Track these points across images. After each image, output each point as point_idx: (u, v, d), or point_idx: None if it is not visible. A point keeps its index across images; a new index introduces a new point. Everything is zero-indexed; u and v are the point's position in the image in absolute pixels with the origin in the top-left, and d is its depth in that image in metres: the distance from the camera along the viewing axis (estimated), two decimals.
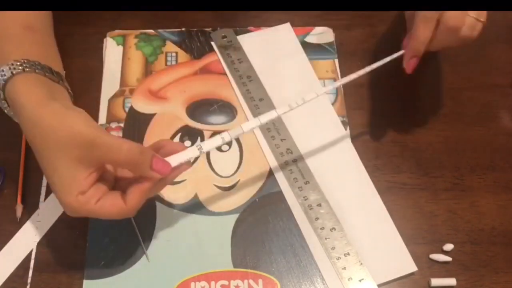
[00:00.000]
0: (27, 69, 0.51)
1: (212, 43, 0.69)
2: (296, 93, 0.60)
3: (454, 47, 0.58)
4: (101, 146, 0.46)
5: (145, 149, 0.48)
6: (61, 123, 0.47)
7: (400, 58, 0.60)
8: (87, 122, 0.48)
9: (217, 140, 0.51)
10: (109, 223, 0.50)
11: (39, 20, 0.57)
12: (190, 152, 0.50)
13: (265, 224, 0.57)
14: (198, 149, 0.50)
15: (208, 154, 0.61)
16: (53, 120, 0.47)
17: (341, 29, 0.70)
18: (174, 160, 0.49)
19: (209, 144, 0.51)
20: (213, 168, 0.60)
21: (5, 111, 0.53)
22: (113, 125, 0.62)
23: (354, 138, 0.62)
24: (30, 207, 0.58)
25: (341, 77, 0.65)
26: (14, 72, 0.50)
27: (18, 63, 0.51)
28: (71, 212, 0.48)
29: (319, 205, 0.57)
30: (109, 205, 0.48)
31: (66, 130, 0.47)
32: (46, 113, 0.48)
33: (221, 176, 0.60)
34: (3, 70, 0.50)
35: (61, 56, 0.58)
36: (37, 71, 0.51)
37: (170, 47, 0.68)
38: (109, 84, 0.65)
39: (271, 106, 0.63)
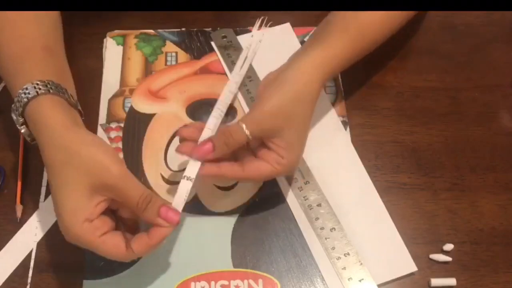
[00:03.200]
0: (52, 91, 0.51)
1: (212, 43, 0.69)
2: None
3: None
4: (122, 188, 0.48)
5: (156, 199, 0.49)
6: (89, 152, 0.48)
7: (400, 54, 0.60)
8: (114, 158, 0.48)
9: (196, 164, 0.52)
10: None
11: (55, 41, 0.58)
12: (184, 187, 0.52)
13: (265, 224, 0.57)
14: (188, 179, 0.52)
15: None
16: (81, 147, 0.48)
17: None
18: (176, 202, 0.51)
19: (192, 170, 0.52)
20: None
21: (19, 126, 0.53)
22: (113, 125, 0.62)
23: (354, 138, 0.62)
24: (30, 207, 0.58)
25: (340, 76, 0.65)
26: (39, 92, 0.50)
27: (43, 84, 0.51)
28: (71, 238, 0.48)
29: (319, 205, 0.57)
30: (112, 244, 0.48)
31: (93, 161, 0.47)
32: (74, 138, 0.49)
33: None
34: (27, 88, 0.51)
35: None
36: (61, 94, 0.52)
37: (170, 47, 0.68)
38: (109, 84, 0.65)
39: None
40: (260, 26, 0.69)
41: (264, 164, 0.52)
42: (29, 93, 0.51)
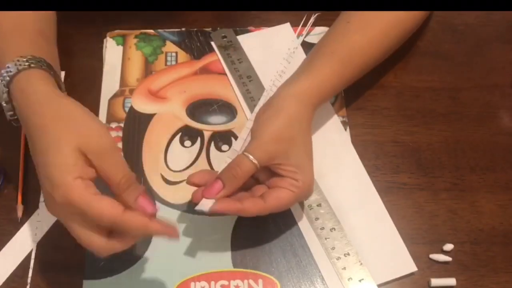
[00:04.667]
0: (43, 67, 0.51)
1: (212, 43, 0.69)
2: None
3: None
4: (109, 160, 0.47)
5: (139, 185, 0.48)
6: (83, 116, 0.48)
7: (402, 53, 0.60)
8: (107, 131, 0.48)
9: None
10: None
11: (50, 29, 0.59)
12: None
13: (265, 224, 0.57)
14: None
15: (208, 154, 0.61)
16: (76, 110, 0.48)
17: None
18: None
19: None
20: (213, 168, 0.60)
21: (2, 102, 0.51)
22: (113, 125, 0.62)
23: (354, 138, 0.62)
24: (30, 207, 0.58)
25: None
26: (32, 66, 0.51)
27: (36, 60, 0.51)
28: (61, 198, 0.44)
29: (319, 205, 0.57)
30: (108, 202, 0.45)
31: (87, 125, 0.47)
32: (68, 102, 0.49)
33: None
34: (18, 61, 0.50)
35: (61, 56, 0.59)
36: (51, 73, 0.52)
37: (170, 47, 0.68)
38: (109, 84, 0.65)
39: None
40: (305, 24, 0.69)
41: (283, 191, 0.52)
42: (20, 65, 0.50)
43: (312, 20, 0.69)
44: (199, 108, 0.64)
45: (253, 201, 0.51)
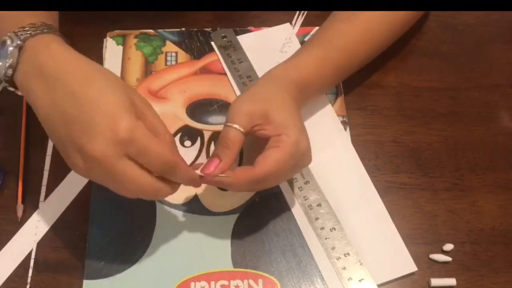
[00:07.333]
0: (47, 31, 0.50)
1: (212, 43, 0.69)
2: None
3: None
4: (153, 109, 0.48)
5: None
6: (118, 78, 0.49)
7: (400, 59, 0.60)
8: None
9: None
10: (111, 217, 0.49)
11: (54, 22, 0.58)
12: None
13: (265, 224, 0.57)
14: None
15: (208, 154, 0.61)
16: (109, 72, 0.49)
17: None
18: None
19: None
20: None
21: (9, 60, 0.48)
22: None
23: (354, 138, 0.62)
24: (30, 207, 0.58)
25: None
26: (51, 30, 0.50)
27: (50, 26, 0.51)
28: (124, 131, 0.44)
29: (319, 205, 0.57)
30: (165, 144, 0.47)
31: (124, 83, 0.48)
32: (98, 65, 0.49)
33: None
34: (34, 24, 0.49)
35: None
36: (57, 33, 0.51)
37: (170, 47, 0.68)
38: None
39: None
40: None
41: (269, 150, 0.50)
42: (34, 30, 0.49)
43: (301, 19, 0.69)
44: (199, 108, 0.64)
45: (243, 168, 0.50)
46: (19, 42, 0.48)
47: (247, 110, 0.51)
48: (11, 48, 0.48)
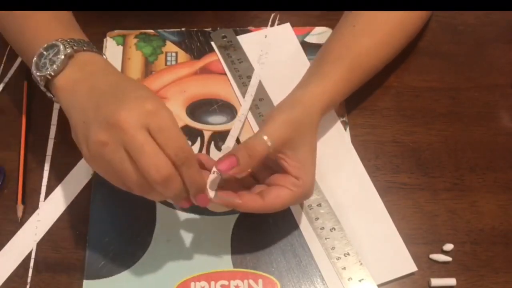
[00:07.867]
0: (96, 50, 0.54)
1: (212, 43, 0.69)
2: None
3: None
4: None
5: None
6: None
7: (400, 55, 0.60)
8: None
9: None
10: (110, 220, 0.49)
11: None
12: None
13: (265, 224, 0.57)
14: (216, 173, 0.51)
15: (208, 154, 0.61)
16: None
17: None
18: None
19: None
20: None
21: (54, 67, 0.51)
22: None
23: (354, 138, 0.62)
24: (30, 207, 0.58)
25: None
26: (93, 49, 0.54)
27: (89, 44, 0.54)
28: (153, 103, 0.46)
29: (319, 205, 0.57)
30: (181, 132, 0.47)
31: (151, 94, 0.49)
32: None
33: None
34: (74, 40, 0.53)
35: None
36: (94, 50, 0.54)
37: (170, 47, 0.68)
38: None
39: (272, 106, 0.63)
40: (273, 23, 0.69)
41: (282, 190, 0.51)
42: (74, 44, 0.52)
43: (276, 21, 0.69)
44: (199, 108, 0.64)
45: (252, 197, 0.51)
46: (69, 51, 0.51)
47: (284, 133, 0.51)
48: (62, 57, 0.51)
